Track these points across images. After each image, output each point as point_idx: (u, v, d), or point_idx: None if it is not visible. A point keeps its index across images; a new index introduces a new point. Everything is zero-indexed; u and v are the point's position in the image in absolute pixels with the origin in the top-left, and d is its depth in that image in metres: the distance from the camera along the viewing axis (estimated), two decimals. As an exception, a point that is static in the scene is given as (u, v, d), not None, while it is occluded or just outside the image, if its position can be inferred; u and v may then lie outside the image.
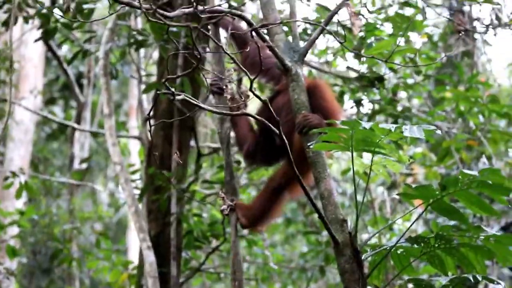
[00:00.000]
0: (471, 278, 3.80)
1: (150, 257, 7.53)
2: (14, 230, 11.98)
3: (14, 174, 10.24)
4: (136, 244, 12.21)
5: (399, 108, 9.56)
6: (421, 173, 12.07)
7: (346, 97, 9.38)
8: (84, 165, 14.93)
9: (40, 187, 12.64)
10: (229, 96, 4.83)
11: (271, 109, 4.18)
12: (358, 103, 9.44)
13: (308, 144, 4.49)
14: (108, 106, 8.54)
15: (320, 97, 5.07)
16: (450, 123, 10.70)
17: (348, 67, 9.70)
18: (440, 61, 9.81)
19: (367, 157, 4.60)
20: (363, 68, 9.49)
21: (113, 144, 8.15)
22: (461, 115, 9.86)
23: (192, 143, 9.42)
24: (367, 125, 4.03)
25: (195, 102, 4.05)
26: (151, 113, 6.00)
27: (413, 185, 4.23)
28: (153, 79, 9.73)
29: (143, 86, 9.41)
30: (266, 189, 5.33)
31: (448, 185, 4.25)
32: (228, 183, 5.09)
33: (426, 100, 10.60)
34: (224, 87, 5.20)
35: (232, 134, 5.61)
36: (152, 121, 8.68)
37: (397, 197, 11.91)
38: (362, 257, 4.30)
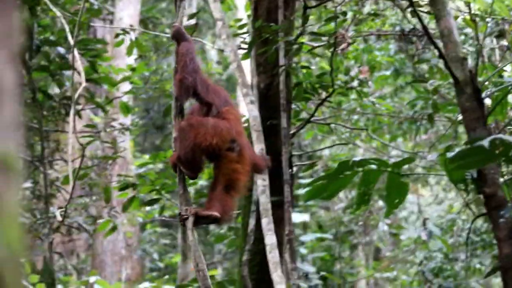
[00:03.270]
0: None
1: (254, 111, 7.54)
2: (127, 87, 12.25)
3: (124, 31, 10.38)
4: (246, 98, 12.37)
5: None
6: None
7: None
8: (192, 21, 14.95)
9: (150, 44, 12.76)
10: None
11: None
12: None
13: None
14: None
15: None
16: None
17: None
18: None
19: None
20: None
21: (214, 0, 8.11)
22: None
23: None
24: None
25: None
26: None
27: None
28: None
29: None
30: (215, 190, 5.36)
31: None
32: (181, 195, 5.15)
33: None
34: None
35: None
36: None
37: (506, 44, 11.59)
38: (483, 95, 4.25)
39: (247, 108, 7.77)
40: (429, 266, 12.59)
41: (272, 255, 5.71)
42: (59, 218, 8.15)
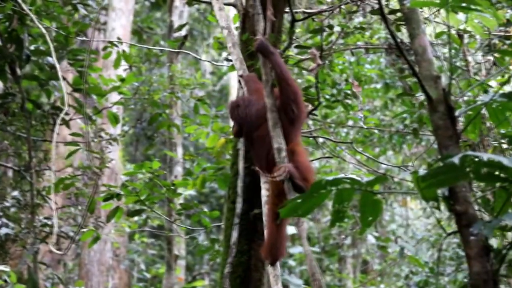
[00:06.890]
0: None
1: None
2: (116, 97, 12.24)
3: (112, 44, 10.39)
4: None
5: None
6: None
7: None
8: (183, 32, 14.97)
9: (141, 55, 12.75)
10: None
11: None
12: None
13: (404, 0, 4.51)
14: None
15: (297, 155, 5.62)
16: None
17: None
18: None
19: (461, 16, 4.53)
20: None
21: (219, 8, 8.14)
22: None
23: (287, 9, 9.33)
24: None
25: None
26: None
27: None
28: None
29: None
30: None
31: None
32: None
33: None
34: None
35: None
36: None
37: (492, 58, 11.59)
38: (456, 114, 4.27)
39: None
40: (415, 279, 12.65)
41: (273, 268, 5.95)
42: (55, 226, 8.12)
